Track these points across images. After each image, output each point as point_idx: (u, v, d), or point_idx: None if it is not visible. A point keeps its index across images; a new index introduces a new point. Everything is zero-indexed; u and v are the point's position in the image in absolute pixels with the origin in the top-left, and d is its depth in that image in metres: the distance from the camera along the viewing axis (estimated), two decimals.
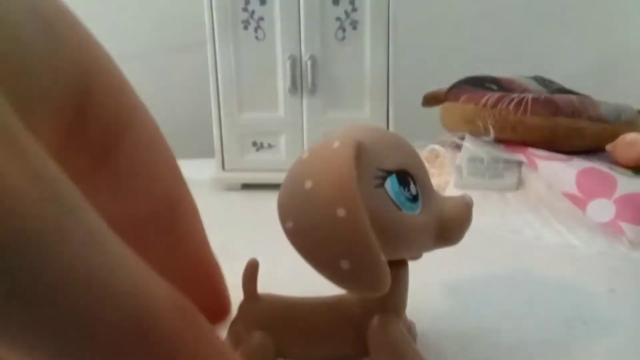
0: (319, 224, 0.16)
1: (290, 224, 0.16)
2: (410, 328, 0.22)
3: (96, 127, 0.14)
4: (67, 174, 0.10)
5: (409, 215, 0.17)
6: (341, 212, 0.15)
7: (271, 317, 0.19)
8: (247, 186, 0.52)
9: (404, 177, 0.17)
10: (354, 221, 0.15)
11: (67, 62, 0.12)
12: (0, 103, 0.09)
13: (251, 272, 0.20)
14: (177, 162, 0.17)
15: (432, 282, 0.21)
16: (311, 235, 0.16)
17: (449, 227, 0.19)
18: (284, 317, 0.19)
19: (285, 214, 0.17)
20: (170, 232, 0.17)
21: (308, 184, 0.16)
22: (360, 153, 0.16)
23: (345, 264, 0.15)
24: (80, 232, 0.10)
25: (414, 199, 0.17)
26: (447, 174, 0.48)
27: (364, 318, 0.19)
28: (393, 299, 0.19)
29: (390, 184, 0.17)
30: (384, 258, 0.16)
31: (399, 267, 0.19)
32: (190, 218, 0.18)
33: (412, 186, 0.17)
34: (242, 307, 0.19)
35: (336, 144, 0.17)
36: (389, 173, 0.17)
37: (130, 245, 0.11)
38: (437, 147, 0.50)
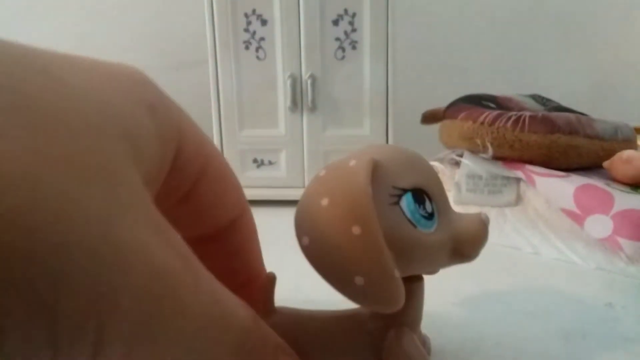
0: (334, 241, 0.16)
1: (306, 240, 0.17)
2: (424, 342, 0.22)
3: (182, 174, 0.17)
4: (159, 208, 0.13)
5: (424, 233, 0.17)
6: (356, 230, 0.16)
7: (287, 330, 0.19)
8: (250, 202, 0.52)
9: (420, 195, 0.17)
10: (369, 239, 0.16)
11: (165, 131, 0.15)
12: (149, 202, 0.13)
13: (269, 286, 0.20)
14: (241, 186, 0.21)
15: (430, 298, 0.21)
16: (326, 251, 0.16)
17: (465, 244, 0.19)
18: (300, 330, 0.19)
19: (301, 230, 0.17)
20: (229, 243, 0.20)
21: (324, 202, 0.16)
22: (376, 171, 0.17)
23: (359, 281, 0.16)
24: (205, 283, 0.14)
25: (430, 216, 0.18)
26: (446, 190, 0.48)
27: (380, 332, 0.19)
28: (408, 313, 0.19)
29: (406, 202, 0.17)
30: (398, 275, 0.16)
31: (414, 281, 0.19)
32: (248, 232, 0.21)
33: (427, 204, 0.18)
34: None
35: (352, 162, 0.17)
36: (405, 191, 0.17)
37: (201, 253, 0.15)
38: (436, 164, 0.50)
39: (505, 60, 0.89)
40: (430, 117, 0.57)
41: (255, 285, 0.21)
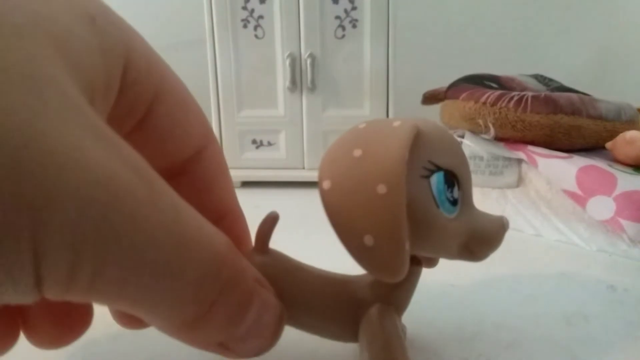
0: (356, 192, 0.16)
1: (327, 184, 0.16)
2: (403, 329, 0.22)
3: (134, 95, 0.16)
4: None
5: (444, 216, 0.17)
6: (382, 189, 0.15)
7: (274, 274, 0.18)
8: (246, 184, 0.52)
9: (451, 178, 0.17)
10: (392, 200, 0.15)
11: (109, 44, 0.14)
12: (85, 107, 0.12)
13: (270, 223, 0.19)
14: (206, 117, 0.20)
15: (431, 279, 0.21)
16: (345, 201, 0.16)
17: (479, 242, 0.18)
18: (288, 279, 0.19)
19: (325, 173, 0.17)
20: (197, 176, 0.19)
21: (357, 152, 0.16)
22: (418, 139, 0.16)
23: (369, 240, 0.15)
24: (165, 199, 0.13)
25: (454, 202, 0.17)
26: None
27: (367, 305, 0.18)
28: (399, 295, 0.19)
29: (437, 179, 0.16)
30: (408, 247, 0.16)
31: (414, 264, 0.19)
32: (216, 163, 0.20)
33: (455, 189, 0.17)
34: (249, 256, 0.18)
35: (396, 123, 0.17)
36: (439, 169, 0.17)
37: None
38: None
39: (508, 40, 0.88)
40: (431, 98, 0.56)
41: (228, 222, 0.20)
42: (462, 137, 0.48)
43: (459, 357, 0.22)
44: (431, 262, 0.21)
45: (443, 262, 0.21)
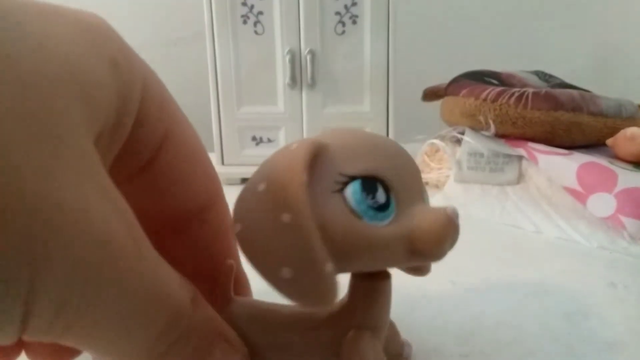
0: (264, 228, 0.15)
1: (238, 227, 0.16)
2: (402, 348, 0.21)
3: (143, 135, 0.16)
4: (117, 176, 0.13)
5: (370, 226, 0.15)
6: (286, 218, 0.14)
7: (242, 323, 0.18)
8: (246, 180, 0.52)
9: (371, 184, 0.16)
10: (298, 228, 0.14)
11: (127, 87, 0.14)
12: (98, 166, 0.13)
13: (227, 274, 0.19)
14: (215, 171, 0.19)
15: (431, 276, 0.20)
16: (255, 239, 0.15)
17: (420, 241, 0.16)
18: (256, 326, 0.18)
19: (236, 215, 0.16)
20: (196, 238, 0.19)
21: (261, 187, 0.16)
22: (320, 156, 0.15)
23: (286, 273, 0.14)
24: (148, 257, 0.14)
25: (381, 207, 0.16)
26: (447, 168, 0.48)
27: (337, 334, 0.18)
28: (368, 315, 0.18)
29: (352, 190, 0.15)
30: (330, 269, 0.15)
31: (375, 280, 0.18)
32: (219, 226, 0.19)
33: (380, 194, 0.16)
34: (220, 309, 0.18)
35: (294, 146, 0.16)
36: (353, 178, 0.15)
37: (165, 243, 0.15)
38: (437, 141, 0.50)
39: (509, 36, 0.88)
40: (431, 94, 0.56)
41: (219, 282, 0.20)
42: (463, 133, 0.48)
43: (459, 354, 0.22)
44: (422, 270, 0.20)
45: (443, 261, 0.21)
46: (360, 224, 0.15)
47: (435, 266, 0.21)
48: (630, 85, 0.81)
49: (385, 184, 0.16)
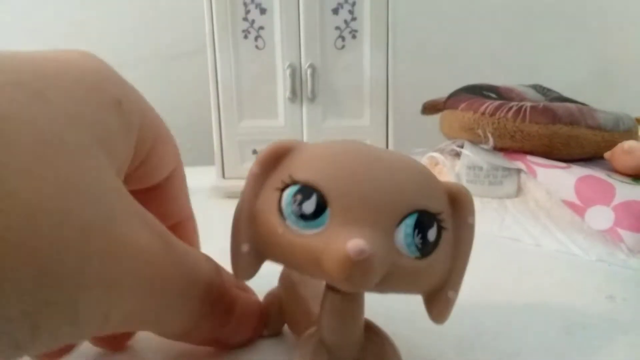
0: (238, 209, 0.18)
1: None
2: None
3: (141, 149, 0.19)
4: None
5: (290, 230, 0.16)
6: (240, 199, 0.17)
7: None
8: None
9: (307, 193, 0.16)
10: (237, 207, 0.17)
11: (130, 122, 0.17)
12: (130, 197, 0.15)
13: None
14: (174, 140, 0.23)
15: None
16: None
17: (326, 269, 0.15)
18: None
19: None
20: (168, 190, 0.23)
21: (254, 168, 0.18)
22: (281, 155, 0.17)
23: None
24: (175, 250, 0.17)
25: (306, 217, 0.15)
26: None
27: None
28: (329, 329, 0.18)
29: (287, 192, 0.16)
30: (244, 249, 0.17)
31: (343, 297, 0.18)
32: (181, 178, 0.24)
33: (308, 204, 0.15)
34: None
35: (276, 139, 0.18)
36: (294, 182, 0.16)
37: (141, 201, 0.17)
38: (436, 154, 0.50)
39: (507, 50, 0.88)
40: (430, 108, 0.57)
41: (185, 225, 0.25)
42: (462, 147, 0.48)
43: None
44: (434, 317, 0.18)
45: None
46: (281, 224, 0.16)
47: None
48: (627, 100, 0.81)
49: (324, 197, 0.15)
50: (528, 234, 0.39)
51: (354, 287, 0.15)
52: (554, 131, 0.44)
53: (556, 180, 0.41)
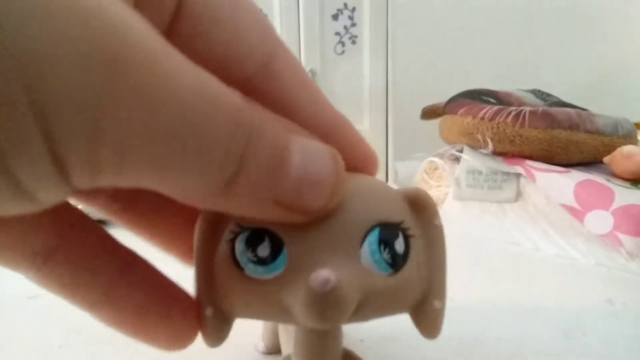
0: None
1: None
2: None
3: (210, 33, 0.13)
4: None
5: (250, 279, 0.15)
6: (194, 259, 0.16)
7: None
8: None
9: (258, 237, 0.15)
10: (194, 270, 0.16)
11: None
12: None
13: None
14: (266, 19, 0.15)
15: None
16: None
17: (292, 307, 0.14)
18: None
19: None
20: (271, 99, 0.15)
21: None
22: None
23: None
24: (176, 52, 0.11)
25: (262, 261, 0.15)
26: (446, 186, 0.48)
27: None
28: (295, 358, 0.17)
29: (238, 240, 0.15)
30: (209, 313, 0.16)
31: (312, 332, 0.17)
32: (292, 76, 0.16)
33: (262, 248, 0.15)
34: None
35: None
36: (244, 229, 0.15)
37: None
38: (436, 159, 0.50)
39: (506, 55, 0.89)
40: (430, 113, 0.57)
41: (339, 140, 0.16)
42: (461, 151, 0.48)
43: None
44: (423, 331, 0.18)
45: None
46: (239, 275, 0.15)
47: None
48: (626, 104, 0.82)
49: (276, 236, 0.15)
50: (527, 239, 0.39)
51: (328, 323, 0.14)
52: (553, 136, 0.44)
53: (555, 184, 0.41)
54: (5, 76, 0.08)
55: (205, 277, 0.16)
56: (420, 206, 0.16)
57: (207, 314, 0.16)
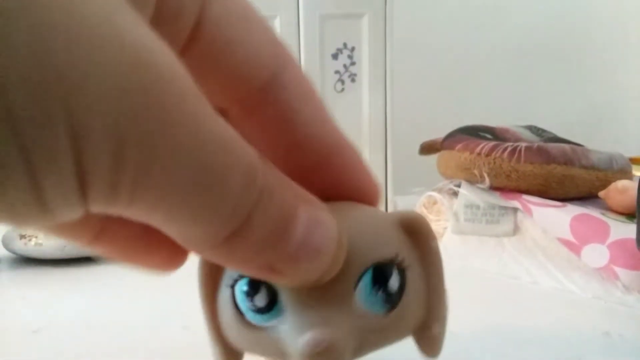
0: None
1: None
2: None
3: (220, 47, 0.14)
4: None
5: (251, 325, 0.15)
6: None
7: None
8: None
9: (255, 286, 0.15)
10: (203, 310, 0.17)
11: None
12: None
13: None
14: (276, 34, 0.15)
15: None
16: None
17: (289, 356, 0.15)
18: None
19: None
20: (277, 111, 0.15)
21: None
22: None
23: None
24: (203, 98, 0.11)
25: (260, 310, 0.15)
26: (444, 220, 0.49)
27: None
28: None
29: (238, 287, 0.15)
30: (219, 351, 0.17)
31: None
32: (300, 89, 0.16)
33: (259, 297, 0.15)
34: None
35: None
36: (242, 276, 0.15)
37: (243, 128, 0.13)
38: (434, 194, 0.51)
39: (502, 92, 0.90)
40: (428, 148, 0.58)
41: (337, 161, 0.16)
42: (459, 186, 0.49)
43: None
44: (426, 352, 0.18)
45: None
46: (242, 321, 0.16)
47: None
48: (620, 140, 0.83)
49: (272, 288, 0.15)
50: (525, 272, 0.40)
51: None
52: (548, 171, 0.45)
53: (551, 218, 0.41)
54: (48, 95, 0.09)
55: (211, 316, 0.16)
56: (415, 229, 0.16)
57: (217, 352, 0.16)
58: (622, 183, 0.44)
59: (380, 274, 0.15)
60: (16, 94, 0.08)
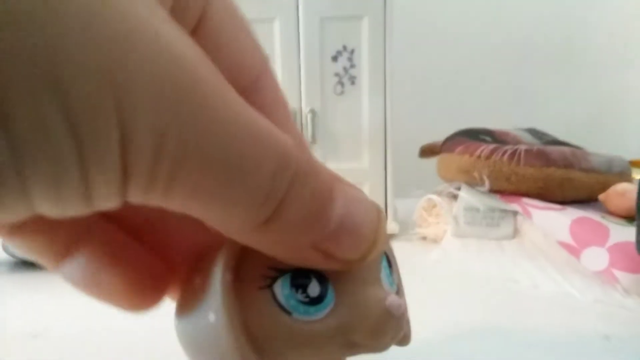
0: (197, 325, 0.15)
1: (176, 322, 0.16)
2: None
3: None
4: None
5: (301, 321, 0.15)
6: (212, 317, 0.14)
7: None
8: None
9: (303, 277, 0.15)
10: (221, 326, 0.14)
11: None
12: None
13: None
14: (256, 39, 0.16)
15: (427, 329, 0.21)
16: (189, 336, 0.15)
17: (358, 334, 0.15)
18: None
19: (176, 310, 0.16)
20: (256, 103, 0.15)
21: (197, 280, 0.15)
22: (248, 251, 0.14)
23: None
24: (232, 90, 0.12)
25: (314, 301, 0.15)
26: (444, 223, 0.49)
27: None
28: None
29: (280, 285, 0.15)
30: None
31: None
32: (273, 93, 0.17)
33: (312, 286, 0.15)
34: None
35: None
36: (282, 272, 0.15)
37: None
38: (434, 197, 0.51)
39: (503, 95, 0.90)
40: (428, 151, 0.58)
41: None
42: (459, 189, 0.49)
43: None
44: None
45: (439, 313, 0.22)
46: (288, 320, 0.15)
47: (432, 320, 0.22)
48: (620, 142, 0.83)
49: (322, 274, 0.15)
50: (525, 275, 0.40)
51: (388, 343, 0.15)
52: (548, 174, 0.45)
53: (551, 222, 0.42)
54: (98, 83, 0.09)
55: (239, 332, 0.14)
56: None
57: None
58: (621, 186, 0.44)
59: (387, 258, 0.17)
60: (74, 90, 0.09)
